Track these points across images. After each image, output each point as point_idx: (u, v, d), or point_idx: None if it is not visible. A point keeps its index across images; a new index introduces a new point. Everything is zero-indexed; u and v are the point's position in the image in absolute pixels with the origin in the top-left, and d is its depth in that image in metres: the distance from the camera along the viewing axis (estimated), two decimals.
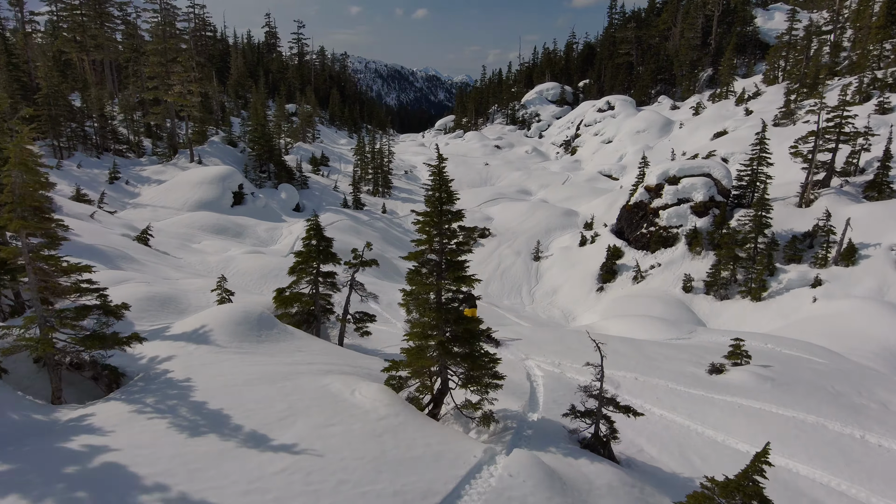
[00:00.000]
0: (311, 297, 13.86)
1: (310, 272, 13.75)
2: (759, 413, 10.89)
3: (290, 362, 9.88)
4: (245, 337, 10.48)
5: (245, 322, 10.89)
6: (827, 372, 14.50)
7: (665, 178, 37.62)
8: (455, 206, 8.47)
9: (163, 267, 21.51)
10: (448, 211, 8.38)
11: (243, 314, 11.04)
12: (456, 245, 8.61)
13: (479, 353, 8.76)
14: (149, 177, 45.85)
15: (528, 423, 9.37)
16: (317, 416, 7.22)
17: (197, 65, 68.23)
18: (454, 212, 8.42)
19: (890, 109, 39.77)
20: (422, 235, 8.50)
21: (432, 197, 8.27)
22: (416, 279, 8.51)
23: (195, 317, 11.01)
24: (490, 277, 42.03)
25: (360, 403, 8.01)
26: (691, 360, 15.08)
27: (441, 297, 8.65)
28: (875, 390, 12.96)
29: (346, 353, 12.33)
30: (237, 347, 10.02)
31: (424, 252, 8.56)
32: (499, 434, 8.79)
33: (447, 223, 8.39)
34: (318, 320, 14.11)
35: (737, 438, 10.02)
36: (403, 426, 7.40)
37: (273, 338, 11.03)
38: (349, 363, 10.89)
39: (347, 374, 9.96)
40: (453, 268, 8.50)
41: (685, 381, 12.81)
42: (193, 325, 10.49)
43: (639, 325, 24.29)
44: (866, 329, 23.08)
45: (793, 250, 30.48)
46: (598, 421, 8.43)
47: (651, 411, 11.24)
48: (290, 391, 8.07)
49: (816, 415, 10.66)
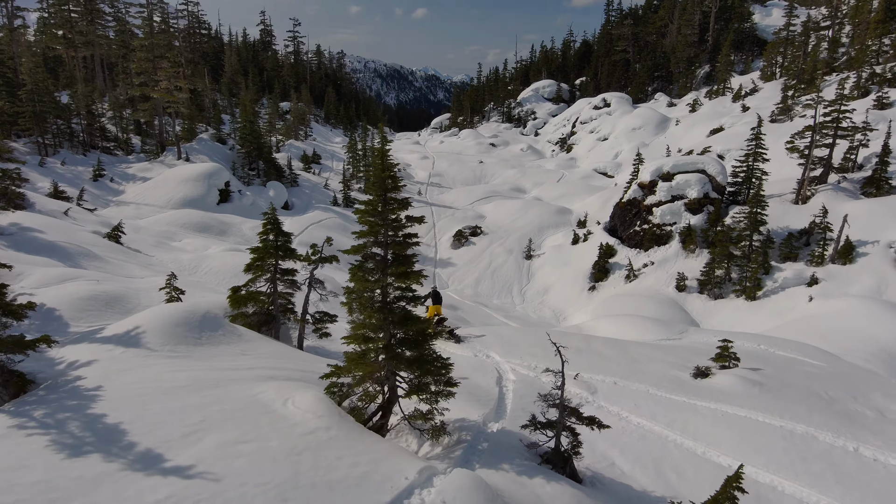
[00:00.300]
0: (270, 297, 12.97)
1: (267, 269, 12.85)
2: (744, 422, 9.99)
3: (228, 367, 9.00)
4: (182, 339, 9.59)
5: (185, 323, 10.00)
6: (821, 375, 13.62)
7: (659, 175, 36.73)
8: (401, 193, 7.57)
9: (130, 265, 20.63)
10: (393, 199, 7.49)
11: (185, 315, 10.16)
12: (403, 238, 7.71)
13: (430, 357, 7.87)
14: (134, 174, 45.00)
15: (487, 434, 8.48)
16: (231, 431, 6.34)
17: (186, 61, 67.46)
18: (400, 200, 7.53)
19: (889, 104, 38.87)
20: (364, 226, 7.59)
21: (375, 183, 7.38)
22: (358, 275, 7.61)
23: (132, 318, 10.12)
24: (481, 276, 41.17)
25: (289, 415, 7.13)
26: (677, 363, 14.21)
27: (387, 296, 7.76)
28: (871, 395, 12.08)
29: (301, 356, 11.45)
30: (170, 351, 9.13)
31: (367, 245, 7.66)
32: (451, 448, 7.91)
33: (392, 212, 7.50)
34: (277, 321, 13.22)
35: (718, 451, 9.12)
36: (331, 442, 6.52)
37: (216, 340, 10.15)
38: (300, 368, 10.02)
39: (293, 380, 9.09)
40: (400, 263, 7.61)
41: (667, 385, 11.93)
42: (127, 327, 9.60)
43: (628, 326, 23.42)
44: (864, 329, 22.20)
45: (789, 248, 29.60)
46: (558, 434, 7.55)
47: (628, 419, 10.36)
48: (212, 401, 7.19)
49: (806, 424, 9.76)
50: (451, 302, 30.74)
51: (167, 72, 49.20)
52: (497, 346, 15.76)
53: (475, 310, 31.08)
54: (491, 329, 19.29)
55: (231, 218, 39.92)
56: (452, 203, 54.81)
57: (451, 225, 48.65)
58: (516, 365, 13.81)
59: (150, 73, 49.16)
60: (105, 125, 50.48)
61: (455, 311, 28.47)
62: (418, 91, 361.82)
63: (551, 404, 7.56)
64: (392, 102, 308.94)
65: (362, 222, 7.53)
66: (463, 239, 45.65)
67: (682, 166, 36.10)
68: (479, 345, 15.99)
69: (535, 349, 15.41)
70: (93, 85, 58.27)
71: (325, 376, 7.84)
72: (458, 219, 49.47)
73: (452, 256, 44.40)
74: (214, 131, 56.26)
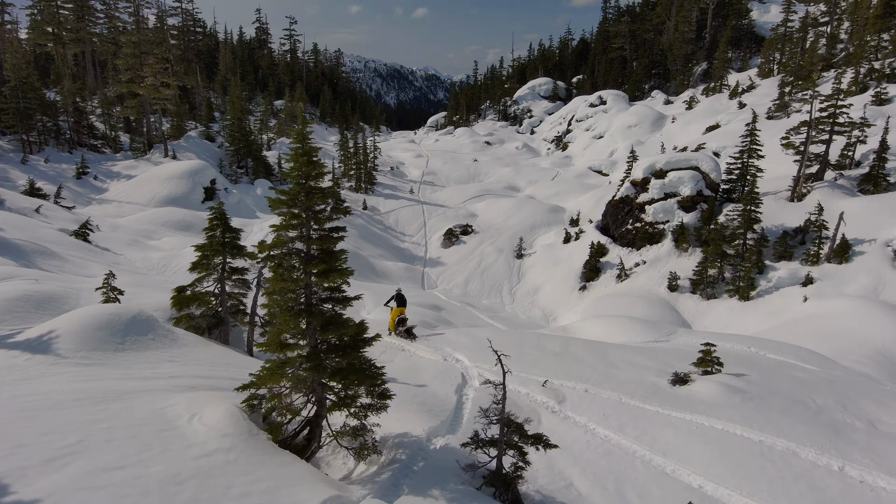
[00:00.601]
0: (218, 297, 12.09)
1: (215, 268, 11.97)
2: (720, 436, 9.08)
3: (146, 376, 8.12)
4: (100, 345, 8.71)
5: (108, 326, 9.12)
6: (809, 381, 12.73)
7: (652, 172, 35.83)
8: (324, 181, 6.70)
9: (92, 264, 19.75)
10: (316, 188, 6.61)
11: (109, 317, 9.27)
12: (329, 231, 6.84)
13: (361, 366, 6.99)
14: (119, 172, 44.18)
15: (427, 452, 7.61)
16: (109, 455, 5.47)
17: (176, 58, 66.60)
18: (324, 189, 6.65)
19: (887, 100, 37.95)
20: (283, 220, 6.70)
21: (294, 170, 6.50)
22: (277, 274, 6.73)
23: (52, 321, 9.25)
24: (470, 276, 40.28)
25: (191, 433, 6.26)
26: (657, 368, 13.32)
27: (311, 297, 6.89)
28: (863, 404, 11.19)
29: (242, 362, 10.57)
30: (83, 358, 8.25)
31: (286, 241, 6.78)
32: (383, 468, 7.04)
33: (315, 202, 6.62)
34: (226, 323, 12.33)
35: (689, 469, 8.22)
36: (227, 467, 5.66)
37: (143, 345, 9.27)
38: (234, 376, 9.13)
39: (220, 389, 8.22)
40: (323, 260, 6.74)
41: (642, 393, 11.04)
42: (41, 331, 8.72)
43: (616, 327, 22.57)
44: (859, 330, 21.32)
45: (783, 247, 28.69)
46: (500, 454, 6.66)
47: (594, 432, 9.47)
48: (105, 417, 6.31)
49: (788, 438, 8.84)
50: (436, 302, 29.84)
51: (153, 68, 48.39)
52: (468, 348, 14.88)
53: (461, 310, 30.14)
54: (464, 330, 18.45)
55: None
56: (445, 202, 53.93)
57: (442, 224, 47.78)
58: (485, 370, 12.93)
59: (137, 70, 48.34)
60: (93, 123, 49.69)
61: (439, 311, 27.56)
62: (418, 91, 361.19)
63: (491, 421, 6.67)
64: (392, 102, 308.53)
65: (279, 214, 6.65)
66: (453, 238, 44.75)
67: (676, 163, 35.19)
68: (449, 347, 15.12)
69: (510, 352, 14.51)
70: (82, 82, 57.53)
71: (241, 388, 6.95)
72: (450, 217, 48.60)
73: (442, 256, 43.52)
74: (204, 129, 55.37)
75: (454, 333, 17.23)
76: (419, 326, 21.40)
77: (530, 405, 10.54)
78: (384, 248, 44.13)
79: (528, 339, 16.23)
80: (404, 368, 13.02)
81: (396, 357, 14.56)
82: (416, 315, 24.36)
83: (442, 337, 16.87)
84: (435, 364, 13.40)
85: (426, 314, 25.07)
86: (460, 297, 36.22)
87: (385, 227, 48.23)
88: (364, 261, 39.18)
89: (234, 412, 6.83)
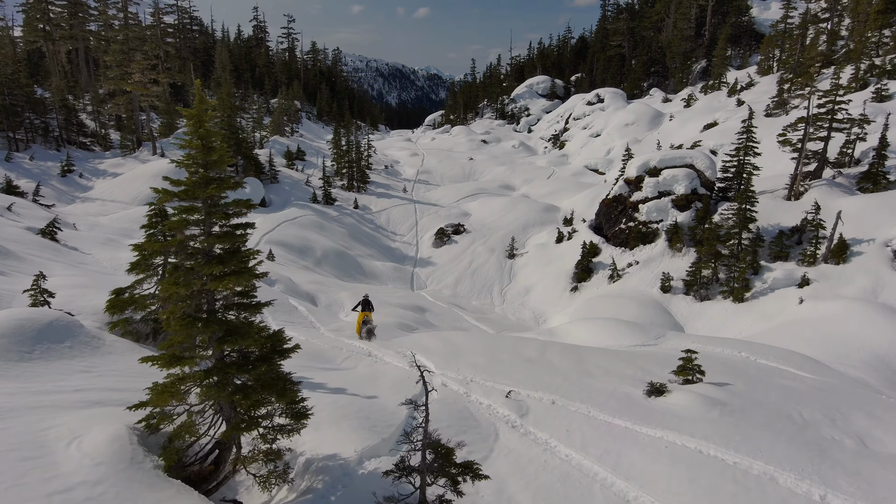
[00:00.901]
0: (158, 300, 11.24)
1: (155, 269, 11.12)
2: (691, 457, 8.17)
3: (46, 390, 7.27)
4: (4, 354, 7.86)
5: (17, 333, 8.27)
6: (798, 391, 11.84)
7: (645, 170, 34.91)
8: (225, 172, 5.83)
9: (54, 264, 18.92)
10: (214, 178, 5.75)
11: (18, 323, 8.42)
12: (232, 228, 5.97)
13: (271, 381, 6.13)
14: (105, 170, 43.46)
15: (352, 478, 6.73)
16: None
17: (168, 55, 65.90)
18: (222, 178, 5.78)
19: (888, 97, 36.95)
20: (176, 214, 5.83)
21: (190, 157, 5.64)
22: (172, 278, 5.86)
23: None
24: (461, 276, 39.41)
25: (63, 461, 5.40)
26: (635, 377, 12.43)
27: (213, 304, 6.02)
28: (854, 417, 10.29)
29: None
30: None
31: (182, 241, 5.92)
32: (296, 498, 6.16)
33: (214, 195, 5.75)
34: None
35: (652, 495, 7.31)
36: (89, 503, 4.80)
37: (56, 354, 8.42)
38: None
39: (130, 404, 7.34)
40: (222, 261, 5.87)
41: (613, 405, 10.15)
42: None
43: (603, 331, 21.73)
44: (856, 334, 20.41)
45: (779, 246, 27.74)
46: (423, 484, 5.78)
47: (554, 451, 8.58)
48: None
49: (766, 460, 7.92)
50: (422, 304, 29.00)
51: (141, 64, 47.58)
52: (438, 354, 14.00)
53: (446, 312, 29.27)
54: (440, 333, 17.56)
55: None
56: (438, 200, 53.03)
57: (434, 223, 46.91)
58: (450, 379, 12.05)
59: (124, 66, 47.58)
60: (84, 120, 49.00)
61: (422, 313, 26.73)
62: (420, 90, 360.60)
63: (414, 447, 5.79)
64: (394, 101, 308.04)
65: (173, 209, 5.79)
66: (445, 237, 43.88)
67: (670, 161, 34.27)
68: (419, 353, 14.23)
69: (479, 359, 13.66)
70: (73, 79, 56.81)
71: (134, 407, 6.08)
72: (442, 217, 47.72)
73: (433, 255, 42.66)
74: None
75: (428, 337, 16.36)
76: (395, 329, 20.61)
77: (489, 419, 9.67)
78: (374, 247, 43.27)
79: (503, 344, 15.34)
80: (364, 377, 12.16)
81: (360, 363, 13.71)
82: (396, 317, 23.52)
83: (414, 341, 16.02)
84: (397, 371, 12.53)
85: (407, 316, 24.22)
86: (449, 297, 35.36)
87: (376, 227, 47.38)
88: (352, 260, 38.37)
89: (123, 435, 5.97)
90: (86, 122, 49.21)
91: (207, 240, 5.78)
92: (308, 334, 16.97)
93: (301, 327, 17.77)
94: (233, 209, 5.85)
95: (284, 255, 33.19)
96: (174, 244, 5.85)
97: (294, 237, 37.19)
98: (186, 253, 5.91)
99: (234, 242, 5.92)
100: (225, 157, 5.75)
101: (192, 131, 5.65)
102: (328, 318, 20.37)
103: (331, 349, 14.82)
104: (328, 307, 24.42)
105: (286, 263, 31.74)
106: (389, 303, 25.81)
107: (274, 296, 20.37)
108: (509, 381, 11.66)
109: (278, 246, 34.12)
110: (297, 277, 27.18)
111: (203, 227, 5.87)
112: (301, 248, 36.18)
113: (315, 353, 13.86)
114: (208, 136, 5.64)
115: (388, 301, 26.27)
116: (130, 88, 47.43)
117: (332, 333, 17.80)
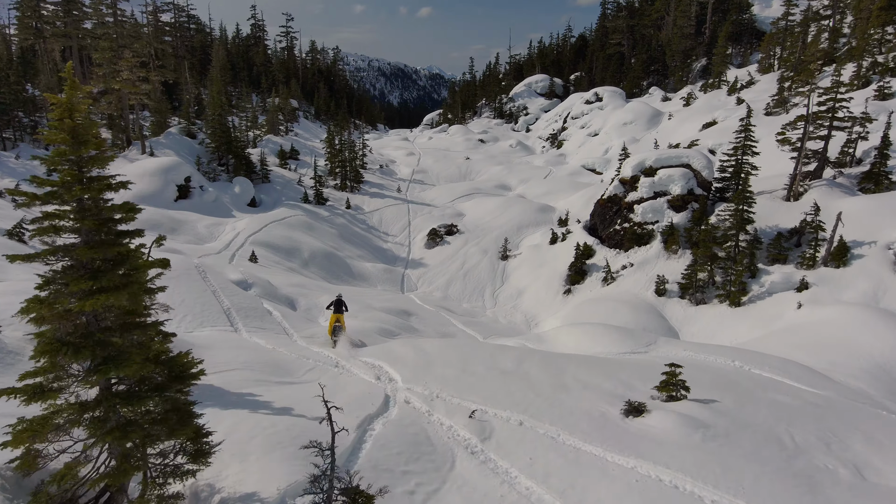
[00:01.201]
0: None
1: None
2: (664, 493, 7.30)
3: None
4: None
5: None
6: (792, 408, 10.96)
7: (641, 170, 34.01)
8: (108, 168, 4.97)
9: (12, 268, 18.09)
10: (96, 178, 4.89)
11: None
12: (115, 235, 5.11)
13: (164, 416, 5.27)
14: None
15: None
16: None
17: (160, 53, 65.16)
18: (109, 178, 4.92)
19: (890, 95, 36.00)
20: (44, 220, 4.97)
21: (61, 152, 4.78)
22: (35, 298, 5.00)
23: None
24: (452, 278, 38.53)
25: None
26: (615, 392, 11.56)
27: (97, 325, 5.17)
28: (852, 440, 9.40)
29: None
30: None
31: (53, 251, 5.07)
32: None
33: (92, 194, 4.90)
34: None
35: None
36: None
37: None
38: None
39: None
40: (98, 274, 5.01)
41: (585, 427, 9.27)
42: None
43: (591, 337, 20.92)
44: (856, 341, 19.51)
45: (777, 249, 26.83)
46: None
47: (513, 483, 7.70)
48: None
49: (748, 499, 7.06)
50: (408, 308, 28.11)
51: (129, 62, 46.79)
52: (408, 365, 13.14)
53: (434, 316, 28.38)
54: (413, 341, 16.69)
55: (186, 215, 37.41)
56: (432, 200, 52.16)
57: (427, 223, 46.03)
58: (414, 394, 11.20)
59: (113, 64, 46.83)
60: None
61: (407, 318, 25.85)
62: (422, 90, 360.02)
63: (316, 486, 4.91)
64: (395, 101, 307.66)
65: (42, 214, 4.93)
66: (437, 238, 43.03)
67: (666, 160, 33.36)
68: (387, 364, 13.37)
69: (450, 370, 12.79)
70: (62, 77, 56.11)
71: (4, 445, 5.22)
72: (436, 217, 46.85)
73: (425, 257, 41.80)
74: (185, 125, 53.77)
75: (400, 345, 15.49)
76: (375, 335, 19.74)
77: (447, 444, 8.80)
78: (365, 248, 42.42)
79: (479, 354, 14.46)
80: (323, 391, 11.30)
81: (324, 375, 12.85)
82: (377, 322, 22.60)
83: (386, 349, 15.16)
84: (361, 385, 11.68)
85: (390, 321, 23.31)
86: (439, 300, 34.48)
87: (368, 227, 46.52)
88: (341, 262, 37.53)
89: None
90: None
91: (78, 250, 4.92)
92: (276, 342, 16.12)
93: (271, 334, 16.92)
94: (119, 214, 5.00)
95: (269, 257, 32.36)
96: (43, 256, 5.00)
97: (281, 238, 36.34)
98: (62, 266, 5.05)
99: (117, 251, 5.07)
100: (104, 153, 4.90)
101: (57, 123, 4.81)
102: (303, 324, 19.49)
103: (296, 359, 13.97)
104: (307, 311, 23.57)
105: (270, 265, 30.92)
106: (373, 306, 24.94)
107: (247, 300, 19.56)
108: (477, 397, 10.80)
109: (264, 247, 33.30)
110: (278, 280, 26.34)
111: (85, 236, 5.02)
112: (288, 250, 35.34)
113: (276, 364, 13.01)
114: (81, 128, 4.79)
115: (371, 305, 25.42)
116: (119, 86, 46.64)
117: (304, 341, 16.95)
